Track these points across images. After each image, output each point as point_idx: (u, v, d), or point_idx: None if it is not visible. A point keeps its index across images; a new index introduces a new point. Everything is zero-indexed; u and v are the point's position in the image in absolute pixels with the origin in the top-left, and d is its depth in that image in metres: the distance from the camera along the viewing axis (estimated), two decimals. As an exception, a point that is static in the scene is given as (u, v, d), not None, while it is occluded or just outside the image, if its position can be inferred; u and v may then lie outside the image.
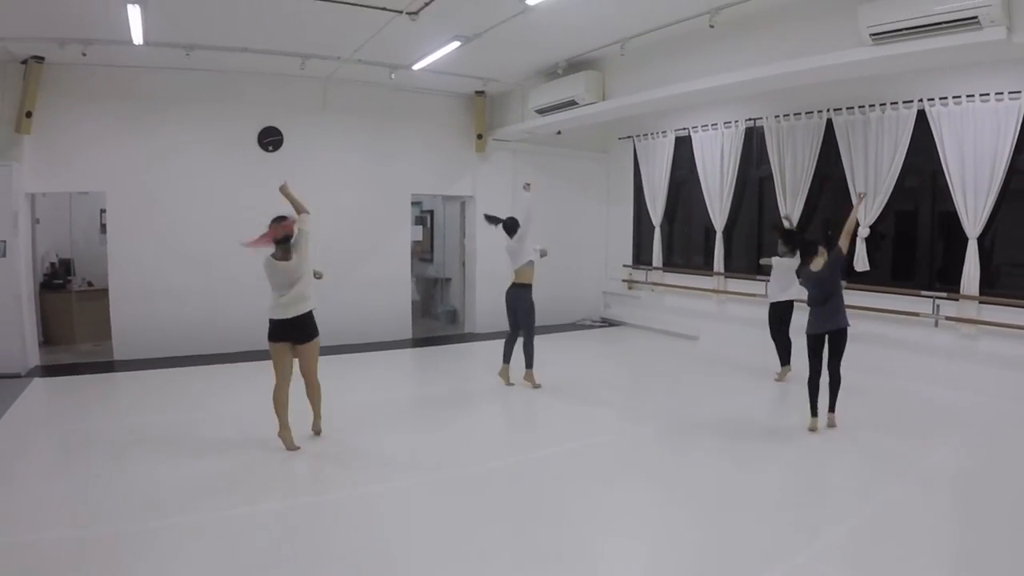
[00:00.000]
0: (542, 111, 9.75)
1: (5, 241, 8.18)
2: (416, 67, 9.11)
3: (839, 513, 4.61)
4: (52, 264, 10.46)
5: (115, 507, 4.61)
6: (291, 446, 5.67)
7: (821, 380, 6.23)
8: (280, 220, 5.77)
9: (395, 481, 5.20)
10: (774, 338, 8.15)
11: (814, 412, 6.19)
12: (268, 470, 5.40)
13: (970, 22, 5.24)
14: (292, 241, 5.78)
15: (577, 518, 4.57)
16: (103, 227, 9.44)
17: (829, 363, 6.21)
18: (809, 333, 6.23)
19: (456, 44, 8.08)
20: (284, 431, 5.70)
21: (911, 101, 7.90)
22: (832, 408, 6.25)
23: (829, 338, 6.15)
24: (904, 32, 5.58)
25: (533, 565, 3.96)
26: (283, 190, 6.13)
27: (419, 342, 11.04)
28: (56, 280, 10.29)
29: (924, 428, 6.52)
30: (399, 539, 4.30)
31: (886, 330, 8.28)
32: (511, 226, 7.89)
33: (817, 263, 6.11)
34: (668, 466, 5.57)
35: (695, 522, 4.51)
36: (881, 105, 8.17)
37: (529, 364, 7.84)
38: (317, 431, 6.06)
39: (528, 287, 7.80)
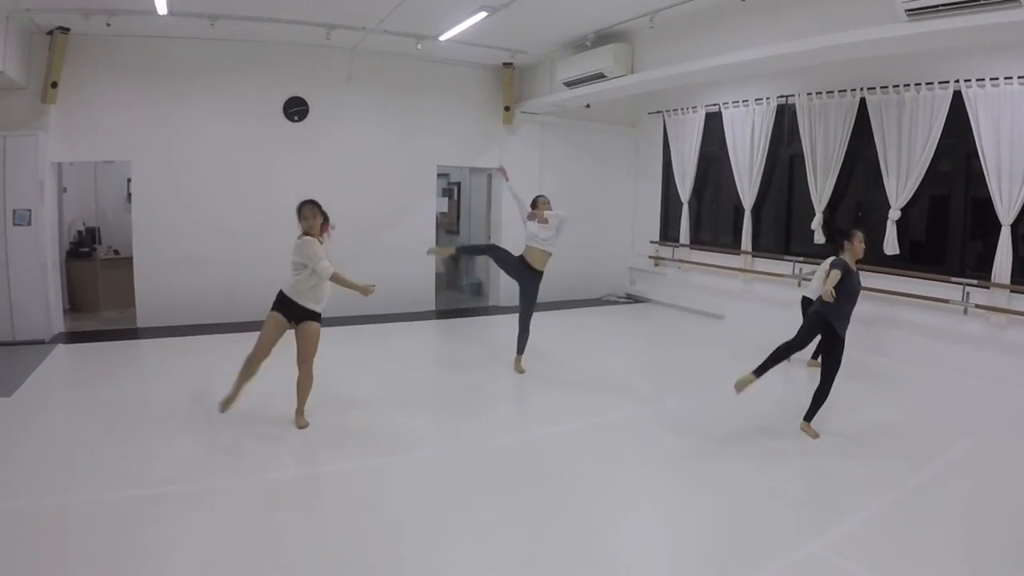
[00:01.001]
0: (570, 84, 9.62)
1: (30, 209, 8.27)
2: (443, 38, 9.01)
3: (856, 503, 4.50)
4: (79, 232, 10.59)
5: (127, 473, 4.68)
6: (224, 406, 5.48)
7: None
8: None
9: (405, 454, 5.20)
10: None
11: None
12: (279, 441, 5.42)
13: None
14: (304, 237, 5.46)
15: (588, 498, 4.55)
16: (129, 196, 9.51)
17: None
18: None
19: (483, 14, 7.96)
20: (232, 399, 5.51)
21: (947, 82, 7.66)
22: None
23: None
24: (940, 8, 5.38)
25: (540, 542, 3.95)
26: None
27: (442, 314, 11.05)
28: (82, 248, 10.42)
29: (950, 418, 6.38)
30: (405, 512, 4.30)
31: (914, 316, 8.13)
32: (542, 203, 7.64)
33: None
34: (684, 449, 5.48)
35: (709, 507, 4.46)
36: (916, 85, 7.93)
37: (521, 350, 7.57)
38: (300, 424, 5.64)
39: (541, 274, 7.45)
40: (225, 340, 8.63)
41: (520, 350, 7.55)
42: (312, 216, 5.47)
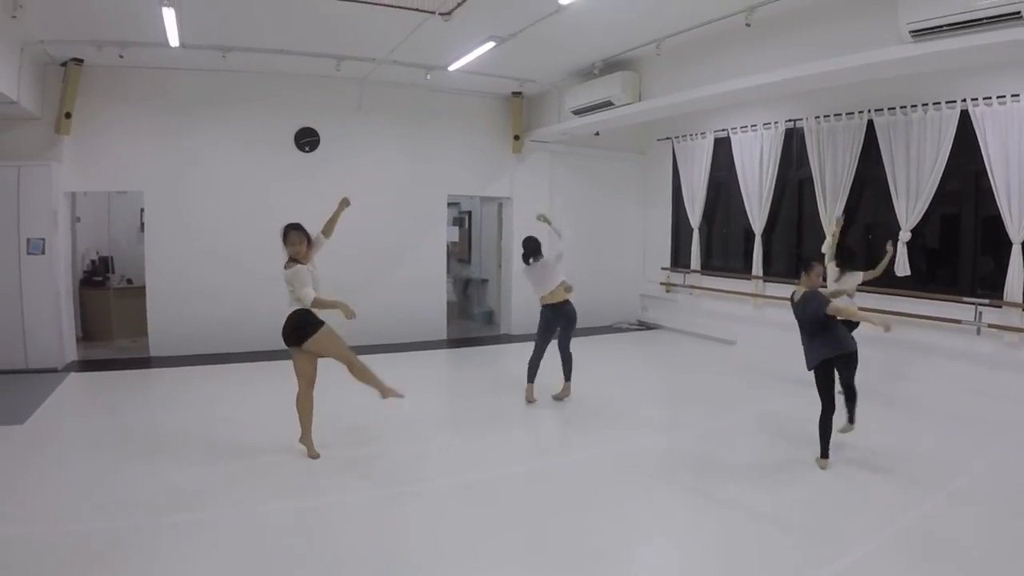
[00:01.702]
0: (578, 112, 9.70)
1: (44, 239, 8.38)
2: (451, 68, 9.12)
3: (868, 529, 4.42)
4: (93, 262, 10.69)
5: (135, 503, 4.68)
6: (312, 454, 5.57)
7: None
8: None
9: (415, 484, 5.17)
10: None
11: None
12: (289, 471, 5.39)
13: (1012, 17, 5.05)
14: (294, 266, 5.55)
15: (599, 529, 4.48)
16: (143, 226, 9.60)
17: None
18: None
19: (491, 45, 8.07)
20: (305, 438, 5.61)
21: (954, 101, 7.69)
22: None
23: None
24: (944, 29, 5.41)
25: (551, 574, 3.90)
26: (343, 205, 6.07)
27: (454, 343, 11.05)
28: (96, 277, 10.51)
29: (963, 440, 6.30)
30: (414, 543, 4.27)
31: (926, 337, 8.08)
32: (533, 249, 7.50)
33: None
34: (697, 476, 5.41)
35: (718, 538, 4.40)
36: (923, 105, 7.96)
37: (569, 375, 7.51)
38: (389, 393, 5.76)
39: (568, 302, 7.35)
40: (236, 369, 8.69)
41: (567, 376, 7.47)
42: (299, 242, 5.53)
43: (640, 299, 12.85)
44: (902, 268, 8.18)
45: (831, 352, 5.45)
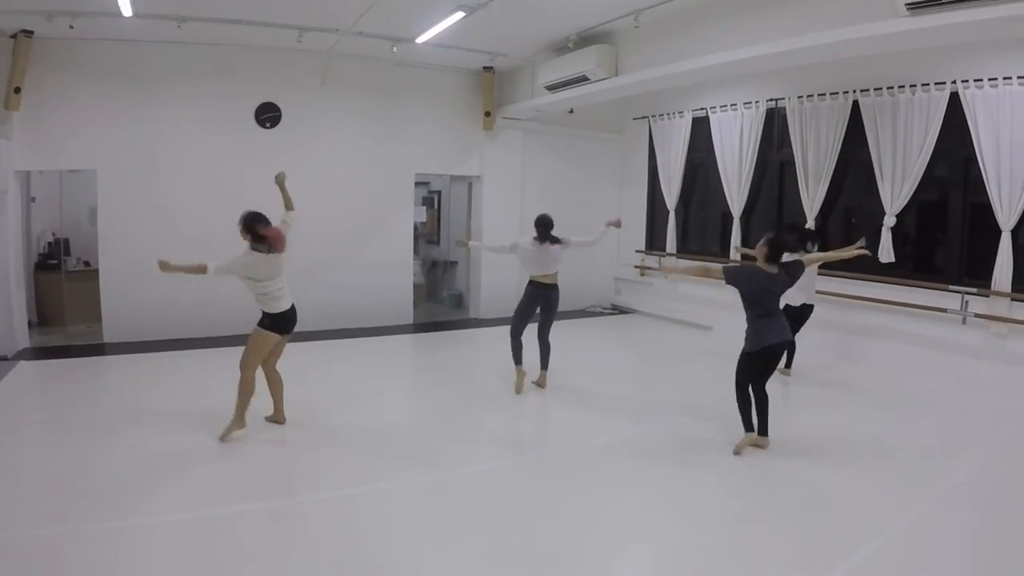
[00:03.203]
0: (552, 87, 9.29)
1: (-8, 220, 7.86)
2: (420, 40, 8.65)
3: (855, 532, 4.12)
4: (49, 244, 10.13)
5: (83, 500, 4.33)
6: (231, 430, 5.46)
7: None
8: (266, 223, 5.42)
9: (379, 481, 4.79)
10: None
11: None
12: (247, 462, 5.07)
13: (1017, -9, 4.74)
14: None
15: (574, 527, 4.18)
16: (98, 206, 9.09)
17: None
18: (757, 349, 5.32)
19: (460, 15, 7.60)
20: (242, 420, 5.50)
21: (943, 83, 7.37)
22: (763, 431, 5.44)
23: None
24: (943, 1, 5.08)
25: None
26: (280, 180, 5.79)
27: (420, 327, 10.65)
28: (51, 260, 9.97)
29: (950, 434, 6.05)
30: (374, 549, 3.89)
31: (910, 326, 7.84)
32: (547, 224, 7.09)
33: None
34: (673, 471, 5.10)
35: (698, 535, 4.12)
36: (912, 86, 7.65)
37: (545, 364, 7.25)
38: (282, 420, 5.78)
39: (556, 286, 7.14)
40: (196, 356, 8.26)
41: (544, 365, 7.21)
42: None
43: (614, 282, 12.53)
44: (886, 254, 7.92)
45: (776, 339, 5.24)
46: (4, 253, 8.05)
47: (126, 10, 7.18)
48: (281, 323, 5.49)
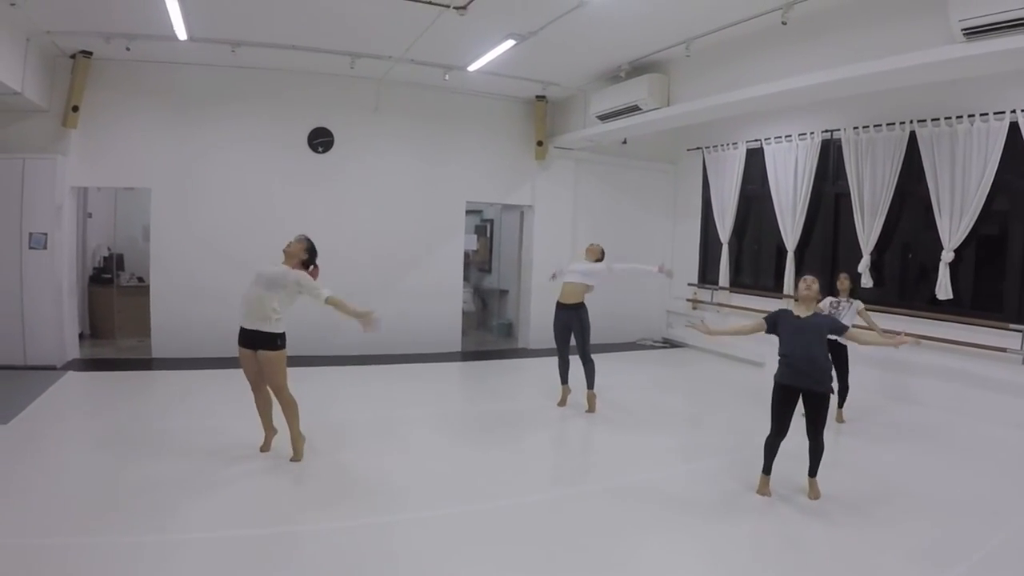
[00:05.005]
0: (604, 117, 9.28)
1: (47, 233, 8.15)
2: (471, 68, 8.76)
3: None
4: (104, 258, 10.45)
5: (115, 512, 4.35)
6: (263, 447, 5.55)
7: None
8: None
9: (413, 511, 4.69)
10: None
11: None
12: (277, 488, 5.00)
13: (1079, 14, 4.58)
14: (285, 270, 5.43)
15: (616, 570, 3.98)
16: (152, 224, 9.37)
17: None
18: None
19: (511, 43, 7.69)
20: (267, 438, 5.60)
21: (1003, 112, 7.16)
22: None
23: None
24: (1002, 26, 4.92)
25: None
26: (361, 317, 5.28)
27: (468, 356, 10.63)
28: (105, 274, 10.29)
29: (1008, 481, 5.71)
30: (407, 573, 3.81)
31: (967, 365, 7.54)
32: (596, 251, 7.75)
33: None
34: (719, 515, 4.86)
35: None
36: (970, 116, 7.44)
37: (591, 384, 7.38)
38: (293, 457, 5.44)
39: (582, 305, 7.41)
40: (237, 376, 8.31)
41: (590, 384, 7.36)
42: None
43: (666, 315, 12.37)
44: (943, 291, 7.67)
45: (788, 381, 5.06)
46: (58, 266, 8.33)
47: (181, 34, 7.44)
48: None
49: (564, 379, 7.57)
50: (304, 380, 5.55)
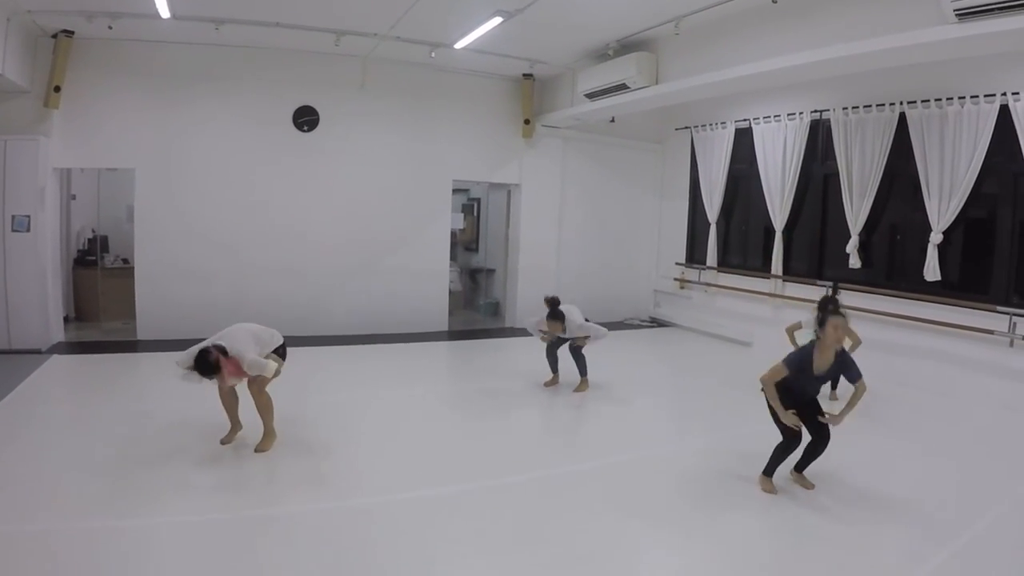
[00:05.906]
0: (592, 95, 9.21)
1: (29, 216, 8.05)
2: (458, 45, 8.65)
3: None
4: (88, 240, 10.34)
5: (92, 498, 4.31)
6: (225, 440, 5.36)
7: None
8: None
9: (394, 493, 4.66)
10: None
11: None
12: (258, 470, 4.97)
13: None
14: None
15: (590, 551, 3.97)
16: (137, 205, 9.26)
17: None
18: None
19: (498, 20, 7.58)
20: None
21: (993, 95, 7.12)
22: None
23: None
24: (993, 7, 4.89)
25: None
26: None
27: (455, 335, 10.61)
28: (89, 256, 10.18)
29: (994, 464, 5.72)
30: (387, 563, 3.77)
31: (955, 347, 7.56)
32: (556, 315, 7.06)
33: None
34: (703, 498, 4.82)
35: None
36: (960, 98, 7.40)
37: (583, 372, 7.40)
38: (260, 447, 5.28)
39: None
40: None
41: (582, 373, 7.40)
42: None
43: (653, 295, 12.37)
44: (931, 273, 7.67)
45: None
46: (42, 248, 8.24)
47: (164, 12, 7.31)
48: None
49: (554, 369, 7.55)
50: (288, 360, 5.46)
